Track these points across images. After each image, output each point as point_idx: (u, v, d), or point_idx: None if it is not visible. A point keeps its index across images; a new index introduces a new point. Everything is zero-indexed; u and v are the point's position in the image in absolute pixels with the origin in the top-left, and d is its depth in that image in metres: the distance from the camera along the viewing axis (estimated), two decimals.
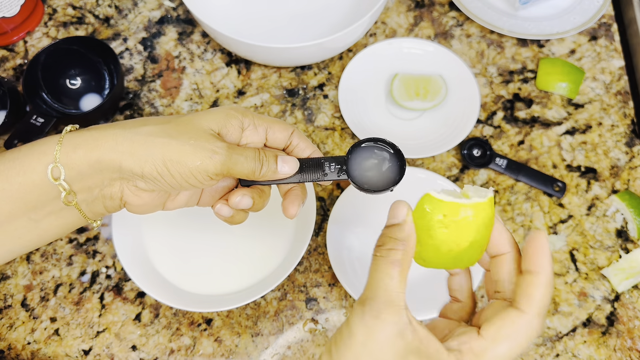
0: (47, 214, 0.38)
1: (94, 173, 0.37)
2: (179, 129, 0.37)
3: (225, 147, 0.37)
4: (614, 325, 0.58)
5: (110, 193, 0.38)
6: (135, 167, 0.36)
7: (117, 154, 0.36)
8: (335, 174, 0.41)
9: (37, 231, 0.38)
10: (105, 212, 0.40)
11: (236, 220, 0.43)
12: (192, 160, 0.36)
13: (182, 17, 0.74)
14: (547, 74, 0.69)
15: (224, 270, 0.59)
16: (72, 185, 0.37)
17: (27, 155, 0.36)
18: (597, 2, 0.72)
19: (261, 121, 0.41)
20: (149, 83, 0.70)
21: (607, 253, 0.61)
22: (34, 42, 0.72)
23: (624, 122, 0.68)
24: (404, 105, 0.67)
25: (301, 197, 0.43)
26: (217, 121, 0.38)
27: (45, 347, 0.57)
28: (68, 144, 0.36)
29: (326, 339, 0.57)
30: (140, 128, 0.37)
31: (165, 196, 0.41)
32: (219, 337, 0.58)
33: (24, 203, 0.36)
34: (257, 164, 0.39)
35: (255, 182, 0.41)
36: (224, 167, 0.37)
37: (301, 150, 0.42)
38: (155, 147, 0.36)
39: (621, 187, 0.64)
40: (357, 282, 0.57)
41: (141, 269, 0.57)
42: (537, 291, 0.31)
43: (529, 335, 0.31)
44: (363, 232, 0.60)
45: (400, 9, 0.74)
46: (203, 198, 0.43)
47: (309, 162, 0.41)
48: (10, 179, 0.36)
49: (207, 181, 0.38)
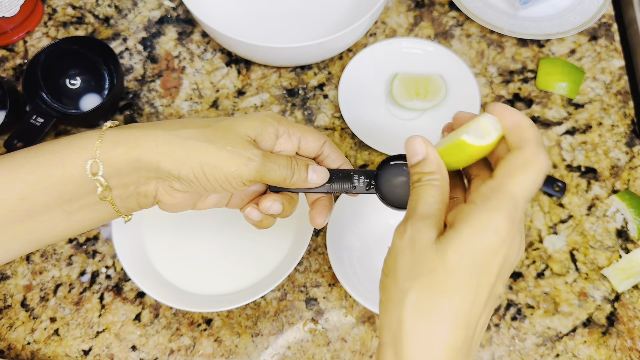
0: (81, 207, 0.38)
1: (132, 171, 0.37)
2: (217, 134, 0.38)
3: (260, 155, 0.38)
4: (614, 325, 0.58)
5: (145, 191, 0.39)
6: (172, 169, 0.37)
7: (156, 154, 0.37)
8: (364, 187, 0.41)
9: (69, 223, 0.39)
10: (137, 208, 0.40)
11: (264, 224, 0.43)
12: (229, 165, 0.37)
13: (182, 17, 0.74)
14: (547, 74, 0.69)
15: (224, 270, 0.59)
16: (109, 181, 0.37)
17: (66, 149, 0.37)
18: (597, 2, 0.72)
19: (295, 129, 0.41)
20: (148, 83, 0.70)
21: (607, 253, 0.61)
22: (33, 42, 0.72)
23: (624, 122, 0.68)
24: (404, 105, 0.67)
25: (329, 207, 0.43)
26: (254, 128, 0.39)
27: (45, 347, 0.57)
28: (108, 140, 0.37)
29: (326, 339, 0.57)
30: (180, 130, 0.38)
31: (196, 197, 0.41)
32: (218, 337, 0.58)
33: (60, 195, 0.37)
34: (289, 172, 0.39)
35: (285, 189, 0.42)
36: (258, 174, 0.38)
37: (332, 161, 0.43)
38: (193, 150, 0.37)
39: (621, 187, 0.64)
40: (357, 282, 0.57)
41: (141, 269, 0.57)
42: (528, 131, 0.33)
43: (539, 165, 0.32)
44: (363, 232, 0.60)
45: (400, 9, 0.74)
46: (232, 200, 0.43)
47: (339, 174, 0.42)
48: (48, 171, 0.36)
49: (240, 187, 0.38)
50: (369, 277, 0.58)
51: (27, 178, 0.36)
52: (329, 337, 0.58)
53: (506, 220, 0.31)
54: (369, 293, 0.56)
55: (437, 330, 0.31)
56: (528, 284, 0.60)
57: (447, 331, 0.31)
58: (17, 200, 0.36)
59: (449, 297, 0.31)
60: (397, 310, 0.32)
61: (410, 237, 0.32)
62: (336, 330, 0.58)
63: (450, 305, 0.31)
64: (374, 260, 0.60)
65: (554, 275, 0.60)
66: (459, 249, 0.31)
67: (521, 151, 0.32)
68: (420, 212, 0.33)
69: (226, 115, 0.68)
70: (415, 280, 0.31)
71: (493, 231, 0.31)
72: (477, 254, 0.31)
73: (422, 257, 0.32)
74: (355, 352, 0.57)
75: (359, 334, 0.58)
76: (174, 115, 0.68)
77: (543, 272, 0.61)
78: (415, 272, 0.32)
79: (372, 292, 0.57)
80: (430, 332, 0.31)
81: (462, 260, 0.31)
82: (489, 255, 0.31)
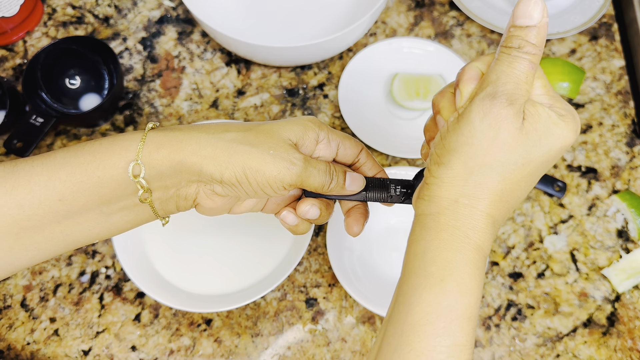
0: (120, 209, 0.38)
1: (174, 174, 0.37)
2: (259, 137, 0.38)
3: (302, 159, 0.38)
4: (614, 325, 0.58)
5: (186, 194, 0.38)
6: (215, 173, 0.37)
7: (199, 157, 0.36)
8: (400, 197, 0.41)
9: (107, 224, 0.39)
10: (176, 211, 0.40)
11: (300, 230, 0.42)
12: (271, 169, 0.37)
13: (181, 16, 0.74)
14: (548, 74, 0.69)
15: (223, 270, 0.59)
16: (150, 183, 0.37)
17: (108, 150, 0.37)
18: (598, 2, 0.72)
19: (335, 136, 0.41)
20: (148, 83, 0.70)
21: (608, 253, 0.61)
22: (33, 42, 0.72)
23: (625, 122, 0.68)
24: (404, 105, 0.67)
25: (365, 216, 0.43)
26: (295, 132, 0.39)
27: (44, 348, 0.57)
28: (151, 142, 0.37)
29: (326, 339, 0.57)
30: (223, 134, 0.37)
31: (234, 201, 0.41)
32: (218, 337, 0.58)
33: (99, 197, 0.37)
34: (328, 177, 0.39)
35: (320, 195, 0.41)
36: (299, 178, 0.38)
37: (368, 169, 0.43)
38: (236, 154, 0.37)
39: (622, 187, 0.64)
40: (357, 282, 0.57)
41: (141, 269, 0.57)
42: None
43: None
44: (363, 233, 0.60)
45: (400, 9, 0.74)
46: (268, 205, 0.43)
47: (375, 182, 0.42)
48: (89, 172, 0.36)
49: (280, 191, 0.38)
50: (369, 277, 0.58)
51: (67, 179, 0.36)
52: (329, 337, 0.58)
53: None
54: (369, 293, 0.56)
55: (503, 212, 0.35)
56: (528, 284, 0.60)
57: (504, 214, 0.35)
58: (56, 201, 0.36)
59: (523, 189, 0.34)
60: (460, 187, 0.33)
61: (495, 121, 0.32)
62: (336, 330, 0.58)
63: (519, 197, 0.34)
64: (374, 261, 0.60)
65: (554, 276, 0.60)
66: (544, 147, 0.33)
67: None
68: (509, 92, 0.32)
69: (226, 115, 0.68)
70: (494, 169, 0.33)
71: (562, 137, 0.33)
72: (555, 155, 0.33)
73: (505, 146, 0.32)
74: (355, 352, 0.57)
75: (359, 334, 0.58)
76: (173, 115, 0.68)
77: (543, 273, 0.61)
78: (493, 159, 0.32)
79: (372, 292, 0.57)
80: (504, 215, 0.34)
81: (544, 157, 0.33)
82: (558, 153, 0.34)
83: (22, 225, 0.36)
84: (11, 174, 0.36)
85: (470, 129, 0.33)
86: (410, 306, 0.33)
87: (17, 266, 0.38)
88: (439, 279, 0.32)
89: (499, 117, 0.32)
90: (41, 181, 0.36)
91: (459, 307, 0.32)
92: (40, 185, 0.36)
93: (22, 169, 0.36)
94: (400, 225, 0.61)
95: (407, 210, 0.60)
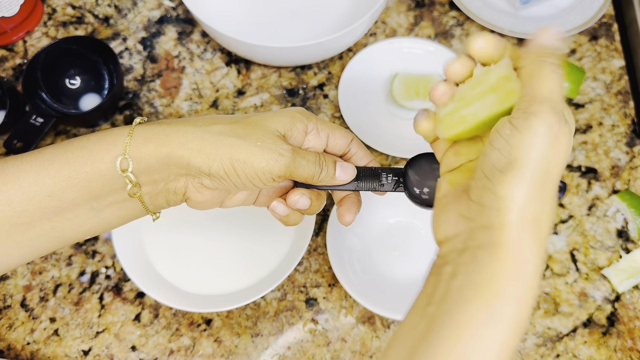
0: (110, 204, 0.38)
1: (162, 167, 0.37)
2: (247, 129, 0.38)
3: (290, 150, 0.38)
4: (614, 325, 0.58)
5: (175, 188, 0.39)
6: (203, 166, 0.37)
7: (186, 151, 0.37)
8: (392, 185, 0.41)
9: (97, 220, 0.39)
10: (166, 205, 0.40)
11: (291, 220, 0.42)
12: (259, 161, 0.37)
13: (181, 16, 0.74)
14: None
15: (224, 270, 0.59)
16: (138, 177, 0.37)
17: (96, 145, 0.37)
18: (598, 2, 0.72)
19: (324, 126, 0.41)
20: (148, 83, 0.70)
21: (608, 253, 0.61)
22: (33, 42, 0.72)
23: (625, 122, 0.68)
24: (404, 105, 0.67)
25: (357, 205, 0.43)
26: (283, 123, 0.39)
27: (44, 348, 0.57)
28: (138, 136, 0.37)
29: (326, 339, 0.57)
30: (210, 127, 0.38)
31: (225, 194, 0.41)
32: (218, 337, 0.58)
33: (88, 192, 0.37)
34: (317, 168, 0.39)
35: (311, 186, 0.41)
36: (288, 169, 0.38)
37: (359, 159, 0.43)
38: (224, 146, 0.37)
39: (622, 187, 0.64)
40: (357, 282, 0.57)
41: (141, 269, 0.57)
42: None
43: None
44: (363, 232, 0.60)
45: (400, 9, 0.74)
46: (260, 198, 0.43)
47: (366, 171, 0.42)
48: (77, 167, 0.36)
49: (269, 182, 0.38)
50: (369, 277, 0.58)
51: (56, 174, 0.36)
52: (329, 337, 0.58)
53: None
54: (369, 293, 0.56)
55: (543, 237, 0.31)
56: None
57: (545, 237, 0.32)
58: (45, 197, 0.36)
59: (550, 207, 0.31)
60: (503, 213, 0.30)
61: (555, 132, 0.30)
62: (336, 330, 0.58)
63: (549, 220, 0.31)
64: (374, 261, 0.60)
65: (554, 276, 0.60)
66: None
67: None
68: (555, 100, 0.30)
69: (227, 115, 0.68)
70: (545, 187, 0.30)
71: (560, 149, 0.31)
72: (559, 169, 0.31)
73: (554, 162, 0.30)
74: (355, 353, 0.57)
75: (359, 334, 0.58)
76: (173, 115, 0.68)
77: (543, 272, 0.61)
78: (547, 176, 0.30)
79: (372, 292, 0.57)
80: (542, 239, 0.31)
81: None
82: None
83: (13, 222, 0.36)
84: (0, 172, 0.36)
85: (534, 136, 0.31)
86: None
87: (10, 263, 0.38)
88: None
89: (557, 132, 0.31)
90: (30, 177, 0.36)
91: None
92: (30, 181, 0.36)
93: (11, 165, 0.36)
94: (400, 225, 0.61)
95: (407, 210, 0.60)
